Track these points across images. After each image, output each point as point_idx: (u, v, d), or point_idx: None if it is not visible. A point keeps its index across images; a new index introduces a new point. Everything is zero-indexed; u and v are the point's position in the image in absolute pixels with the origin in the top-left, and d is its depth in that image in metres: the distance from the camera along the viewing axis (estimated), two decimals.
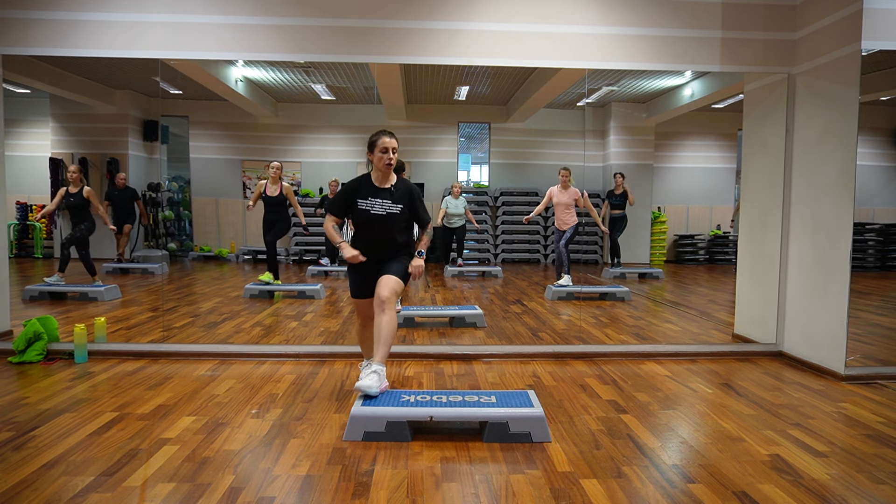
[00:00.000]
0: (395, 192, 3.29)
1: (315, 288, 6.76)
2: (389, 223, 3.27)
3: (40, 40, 4.28)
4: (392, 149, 3.23)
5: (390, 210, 3.27)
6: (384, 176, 3.29)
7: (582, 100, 8.82)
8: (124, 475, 2.41)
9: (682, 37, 4.48)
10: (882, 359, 4.55)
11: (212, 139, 9.60)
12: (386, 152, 3.23)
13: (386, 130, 3.27)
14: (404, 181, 3.34)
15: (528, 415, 2.84)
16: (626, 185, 8.35)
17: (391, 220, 3.27)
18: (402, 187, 3.32)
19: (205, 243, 9.31)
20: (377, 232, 3.29)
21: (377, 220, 3.26)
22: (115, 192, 7.90)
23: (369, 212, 3.26)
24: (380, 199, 3.27)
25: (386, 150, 3.23)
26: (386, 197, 3.28)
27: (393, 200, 3.28)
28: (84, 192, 6.61)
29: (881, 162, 8.75)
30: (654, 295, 7.47)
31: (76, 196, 6.60)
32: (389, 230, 3.28)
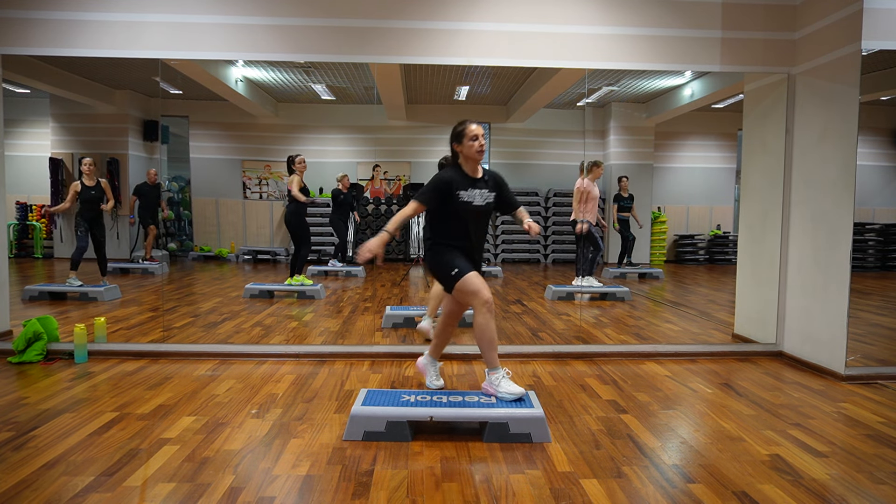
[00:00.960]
0: (488, 182, 3.25)
1: (315, 288, 6.76)
2: (487, 214, 3.26)
3: (40, 40, 4.28)
4: (481, 135, 3.17)
5: (488, 200, 3.23)
6: (476, 165, 3.24)
7: (582, 100, 8.82)
8: (124, 475, 2.41)
9: (682, 37, 4.48)
10: (882, 359, 4.55)
11: (212, 139, 9.60)
12: (476, 139, 3.16)
13: (469, 119, 3.22)
14: (489, 170, 3.31)
15: (528, 415, 2.84)
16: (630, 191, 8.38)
17: (488, 210, 3.25)
18: (492, 175, 3.30)
19: (205, 243, 9.31)
20: (475, 223, 3.23)
21: (478, 211, 3.20)
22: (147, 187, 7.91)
23: (472, 203, 3.17)
24: (478, 190, 3.20)
25: (476, 136, 3.16)
26: (483, 187, 3.22)
27: (489, 190, 3.24)
28: (101, 184, 6.61)
29: (881, 162, 8.75)
30: (654, 295, 7.47)
31: (96, 188, 6.58)
32: (486, 221, 3.29)
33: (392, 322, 5.31)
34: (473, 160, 3.21)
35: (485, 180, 3.24)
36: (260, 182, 9.54)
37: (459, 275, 3.08)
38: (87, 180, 6.56)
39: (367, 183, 9.95)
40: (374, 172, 10.03)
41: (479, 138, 3.16)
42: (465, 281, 3.07)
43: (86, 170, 6.55)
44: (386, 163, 10.16)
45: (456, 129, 3.22)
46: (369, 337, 4.95)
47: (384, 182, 10.10)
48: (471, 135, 3.16)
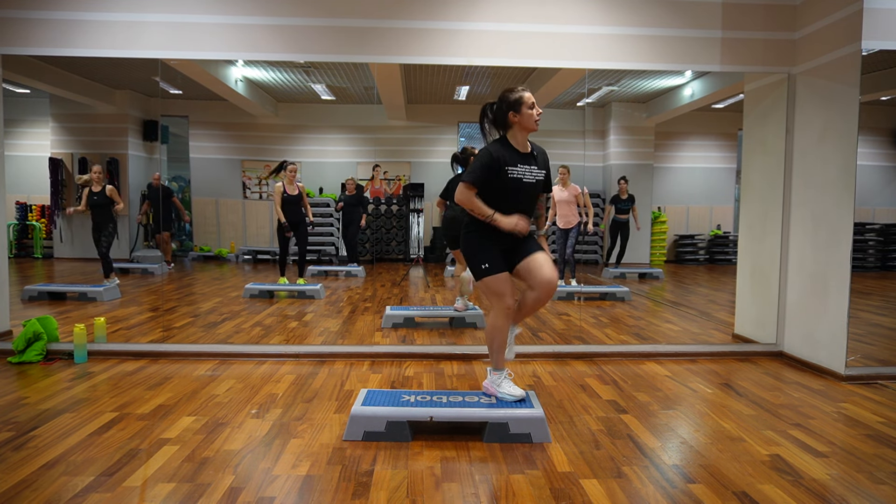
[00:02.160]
0: (538, 157, 3.01)
1: (315, 288, 6.76)
2: (536, 191, 3.03)
3: (40, 40, 4.28)
4: (534, 103, 2.92)
5: (538, 177, 2.99)
6: (525, 139, 2.97)
7: (582, 100, 8.82)
8: (124, 475, 2.41)
9: (682, 37, 4.48)
10: (882, 359, 4.55)
11: (212, 139, 9.60)
12: (533, 108, 2.90)
13: (520, 87, 2.95)
14: (536, 145, 3.07)
15: (528, 415, 2.84)
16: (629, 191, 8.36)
17: (538, 187, 3.01)
18: (540, 151, 3.06)
19: (205, 243, 9.31)
20: (524, 202, 2.98)
21: (528, 187, 2.95)
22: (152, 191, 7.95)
23: (521, 180, 2.92)
24: (528, 166, 2.94)
25: (533, 104, 2.90)
26: (532, 163, 2.97)
27: (538, 167, 3.00)
28: (107, 190, 6.66)
29: (881, 162, 8.74)
30: (654, 295, 7.47)
31: (99, 195, 6.64)
32: (535, 199, 3.07)
33: (392, 322, 5.31)
34: (528, 131, 2.95)
35: (534, 156, 2.99)
36: (260, 182, 9.54)
37: (488, 272, 2.92)
38: (94, 186, 6.65)
39: (367, 183, 9.95)
40: (374, 172, 10.03)
41: (535, 106, 2.92)
42: (492, 280, 2.91)
43: (95, 177, 6.64)
44: (386, 163, 10.16)
45: (510, 98, 2.91)
46: (369, 337, 4.95)
47: (384, 182, 10.10)
48: (529, 102, 2.89)
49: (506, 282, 2.93)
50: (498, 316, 2.95)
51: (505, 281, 2.92)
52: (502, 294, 2.91)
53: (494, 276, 2.91)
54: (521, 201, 2.96)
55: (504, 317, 2.94)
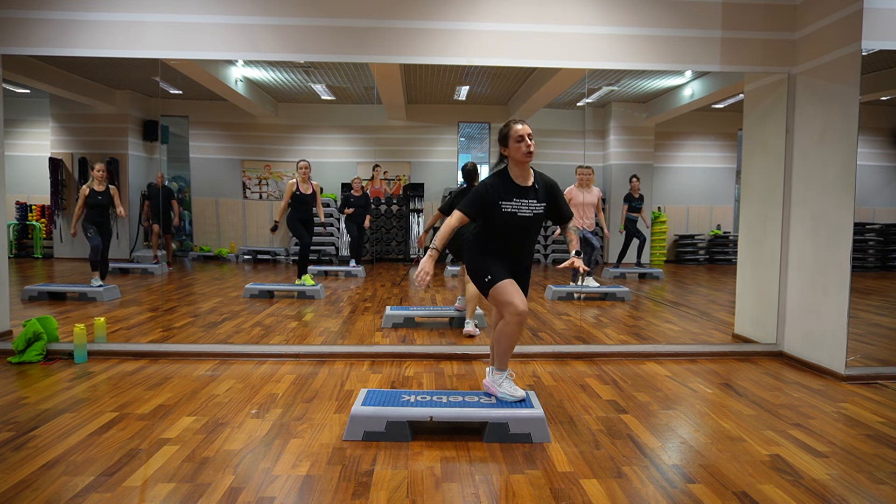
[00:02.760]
0: (538, 190, 2.95)
1: (315, 288, 6.76)
2: (535, 225, 2.98)
3: (40, 40, 4.28)
4: (528, 135, 2.86)
5: (536, 211, 2.94)
6: (525, 170, 2.94)
7: (582, 100, 8.82)
8: (124, 475, 2.41)
9: (682, 37, 4.48)
10: (882, 359, 4.55)
11: (212, 139, 9.60)
12: (522, 140, 2.85)
13: (514, 119, 2.92)
14: (542, 175, 3.01)
15: (528, 415, 2.84)
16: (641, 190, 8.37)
17: (537, 221, 2.97)
18: (542, 182, 2.98)
19: (205, 243, 9.31)
20: (519, 234, 2.98)
21: (523, 221, 2.93)
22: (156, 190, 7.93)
23: (516, 214, 2.91)
24: (526, 200, 2.92)
25: (521, 137, 2.86)
26: (532, 196, 2.93)
27: (538, 200, 2.95)
28: (110, 190, 6.61)
29: (881, 162, 8.75)
30: (654, 295, 7.47)
31: (104, 194, 6.55)
32: (534, 232, 3.02)
33: (392, 322, 5.31)
34: (521, 164, 2.91)
35: (535, 189, 2.95)
36: (260, 182, 9.54)
37: (493, 282, 2.91)
38: (97, 185, 6.55)
39: (367, 183, 9.94)
40: (373, 172, 10.03)
41: (525, 139, 2.85)
42: (498, 289, 2.89)
43: (98, 175, 6.54)
44: (386, 163, 10.16)
45: (501, 131, 2.94)
46: (369, 337, 4.95)
47: (384, 182, 10.10)
48: (516, 136, 2.86)
49: (511, 287, 2.89)
50: (509, 323, 2.88)
51: (510, 287, 2.89)
52: (510, 301, 2.86)
53: (498, 285, 2.90)
54: (515, 234, 2.97)
55: (516, 323, 2.87)
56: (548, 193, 2.98)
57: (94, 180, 6.55)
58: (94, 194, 6.53)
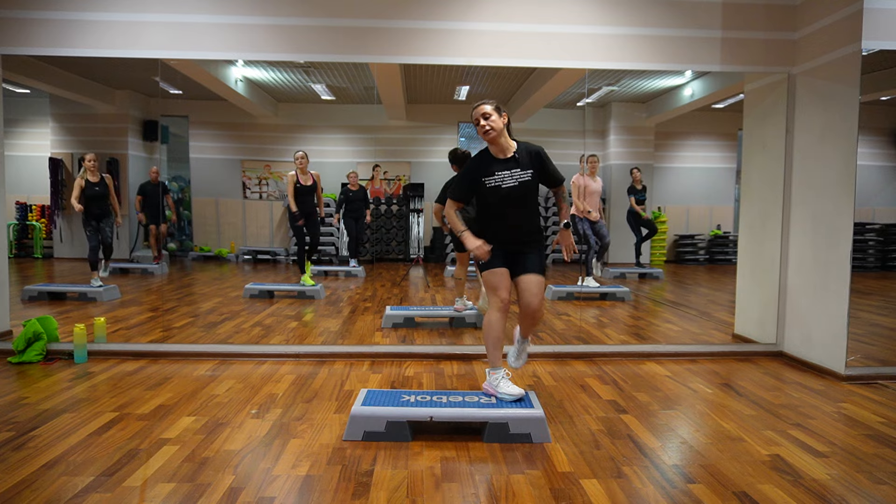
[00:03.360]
0: (519, 159, 3.00)
1: (315, 288, 6.76)
2: (526, 194, 3.00)
3: (40, 40, 4.28)
4: (482, 115, 2.96)
5: (522, 179, 2.97)
6: (499, 145, 3.02)
7: (582, 100, 8.82)
8: (124, 475, 2.41)
9: (682, 37, 4.48)
10: (882, 359, 4.55)
11: (212, 139, 9.59)
12: (478, 122, 2.97)
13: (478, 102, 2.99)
14: (525, 144, 3.06)
15: (529, 415, 2.84)
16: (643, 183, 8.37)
17: (525, 189, 2.98)
18: (524, 151, 3.02)
19: (205, 243, 9.31)
20: (512, 206, 3.01)
21: (511, 191, 2.98)
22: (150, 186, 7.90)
23: (500, 186, 2.98)
24: (508, 171, 2.98)
25: (477, 120, 2.98)
26: (513, 166, 2.99)
27: (521, 168, 2.99)
28: (105, 179, 6.54)
29: (881, 162, 8.75)
30: (654, 295, 7.47)
31: (100, 185, 6.50)
32: (528, 202, 3.02)
33: (392, 322, 5.31)
34: (486, 142, 3.03)
35: (515, 158, 3.00)
36: (260, 182, 9.53)
37: (484, 267, 3.06)
38: (90, 176, 6.49)
39: (367, 183, 9.94)
40: (373, 172, 10.02)
41: (479, 121, 2.98)
42: (488, 275, 3.05)
43: (89, 165, 6.46)
44: (386, 163, 10.15)
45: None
46: (369, 337, 4.95)
47: (384, 182, 10.10)
48: (474, 119, 3.00)
49: (500, 276, 3.03)
50: (491, 310, 3.05)
51: (499, 276, 3.03)
52: (496, 287, 3.02)
53: (489, 271, 3.05)
54: (507, 206, 3.02)
55: (496, 311, 3.02)
56: (532, 160, 3.03)
57: (87, 171, 6.47)
58: (90, 185, 6.48)
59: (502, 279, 3.02)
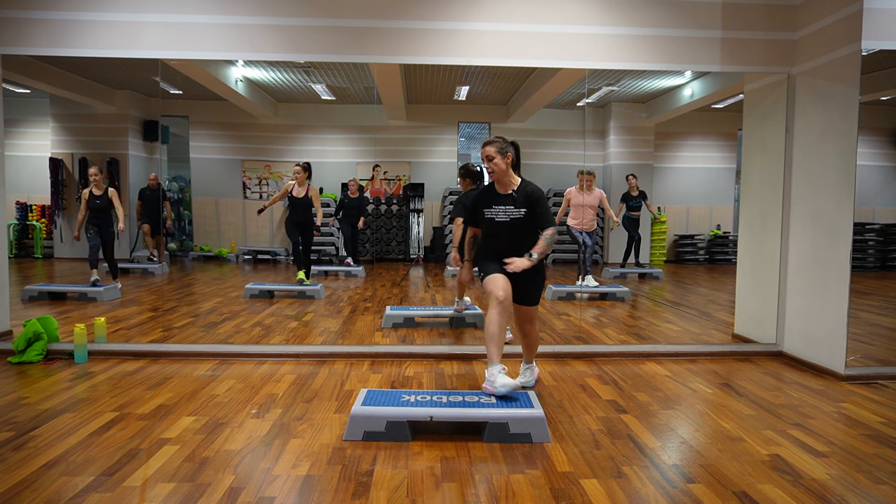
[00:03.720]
0: (516, 198, 3.29)
1: (315, 288, 6.76)
2: (514, 229, 3.29)
3: (40, 40, 4.28)
4: (486, 157, 3.27)
5: (514, 216, 3.28)
6: (501, 181, 3.33)
7: (582, 100, 8.82)
8: (124, 475, 2.41)
9: (682, 37, 4.48)
10: (882, 359, 4.55)
11: (212, 139, 9.59)
12: (483, 161, 3.30)
13: (487, 140, 3.30)
14: (526, 184, 3.33)
15: (529, 415, 2.84)
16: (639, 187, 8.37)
17: (515, 226, 3.28)
18: (523, 191, 3.30)
19: (205, 243, 9.31)
20: (503, 240, 3.32)
21: (503, 227, 3.30)
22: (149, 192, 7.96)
23: (494, 220, 3.32)
24: (503, 207, 3.30)
25: (483, 159, 3.30)
26: (508, 203, 3.29)
27: (515, 206, 3.28)
28: (109, 192, 6.69)
29: (881, 162, 8.75)
30: (654, 295, 7.47)
31: (101, 198, 6.67)
32: (515, 237, 3.31)
33: (392, 322, 5.31)
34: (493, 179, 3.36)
35: (512, 196, 3.30)
36: (260, 182, 9.53)
37: (483, 276, 3.33)
38: (95, 189, 6.68)
39: (367, 183, 9.94)
40: (373, 172, 10.02)
41: (485, 161, 3.30)
42: (485, 281, 3.29)
43: (93, 180, 6.66)
44: (386, 163, 10.15)
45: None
46: (369, 337, 4.95)
47: (384, 182, 10.10)
48: (482, 157, 3.31)
49: (495, 279, 3.23)
50: (490, 307, 3.22)
51: (494, 279, 3.24)
52: (491, 290, 3.24)
53: (487, 278, 3.30)
54: (498, 236, 3.35)
55: (494, 308, 3.17)
56: (527, 200, 3.29)
57: (92, 185, 6.67)
58: (93, 198, 6.68)
59: (496, 282, 3.22)
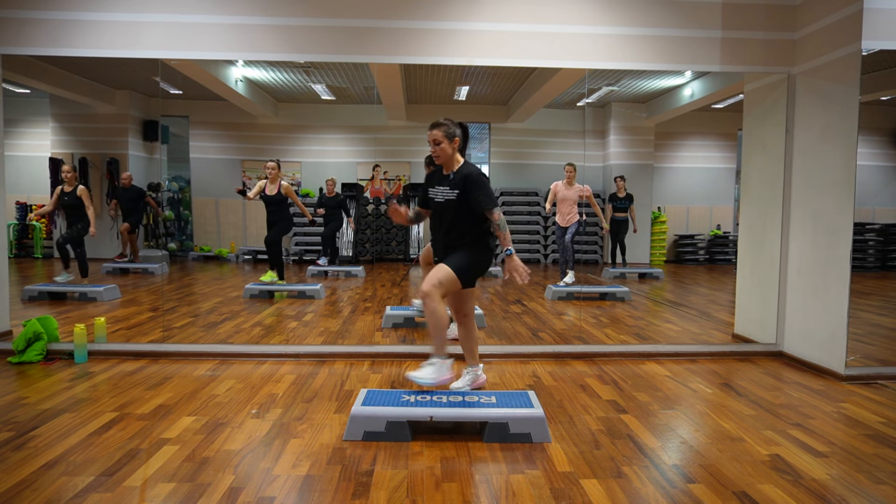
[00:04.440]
0: (454, 179, 3.24)
1: (315, 288, 6.76)
2: (448, 210, 3.24)
3: (40, 40, 4.28)
4: (433, 140, 3.24)
5: (448, 197, 3.24)
6: (446, 164, 3.30)
7: (582, 100, 8.82)
8: (124, 475, 2.41)
9: (682, 37, 4.48)
10: (882, 359, 4.55)
11: (212, 139, 9.59)
12: (431, 146, 3.26)
13: (434, 123, 3.26)
14: (466, 166, 3.27)
15: (529, 415, 2.84)
16: (627, 189, 8.37)
17: (449, 207, 3.24)
18: (461, 173, 3.24)
19: (205, 243, 9.31)
20: (440, 217, 3.30)
21: (440, 206, 3.28)
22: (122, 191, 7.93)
23: (434, 200, 3.31)
24: (442, 187, 3.28)
25: (430, 143, 3.27)
26: (445, 184, 3.27)
27: (451, 187, 3.24)
28: (77, 191, 6.59)
29: (881, 162, 8.75)
30: (654, 295, 7.47)
31: (70, 195, 6.59)
32: (452, 219, 3.25)
33: (392, 322, 5.31)
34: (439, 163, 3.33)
35: (450, 178, 3.26)
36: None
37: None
38: (66, 186, 6.60)
39: (367, 183, 9.95)
40: (374, 172, 10.02)
41: (431, 144, 3.26)
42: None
43: (64, 177, 6.58)
44: (386, 163, 10.15)
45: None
46: (369, 337, 4.95)
47: (384, 182, 10.10)
48: (429, 140, 3.28)
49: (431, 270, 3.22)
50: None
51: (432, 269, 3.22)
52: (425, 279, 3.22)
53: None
54: (439, 216, 3.32)
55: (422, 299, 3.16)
56: (463, 182, 3.21)
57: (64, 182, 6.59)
58: (63, 195, 6.61)
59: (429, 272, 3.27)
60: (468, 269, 3.21)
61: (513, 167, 10.17)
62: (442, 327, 3.14)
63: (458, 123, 3.32)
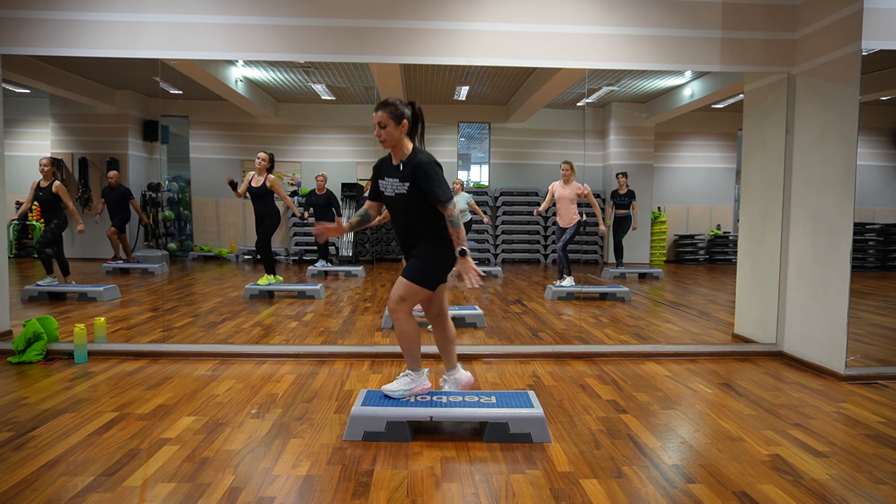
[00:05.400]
0: (403, 170, 2.84)
1: (315, 288, 6.76)
2: (400, 205, 2.88)
3: (40, 40, 4.28)
4: (378, 123, 2.82)
5: (398, 191, 2.86)
6: (396, 153, 2.89)
7: (582, 100, 8.82)
8: (124, 475, 2.41)
9: (682, 37, 4.48)
10: (882, 359, 4.55)
11: (212, 139, 9.59)
12: (375, 129, 2.84)
13: (380, 103, 2.85)
14: (417, 154, 2.86)
15: (529, 415, 2.84)
16: (629, 186, 8.35)
17: (400, 201, 2.87)
18: (410, 162, 2.83)
19: (205, 243, 9.31)
20: (394, 212, 2.95)
21: (390, 200, 2.92)
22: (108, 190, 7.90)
23: (384, 192, 2.93)
24: (391, 179, 2.89)
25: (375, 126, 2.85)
26: (395, 175, 2.87)
27: (400, 179, 2.85)
28: (53, 187, 6.43)
29: (881, 162, 8.75)
30: (654, 295, 7.47)
31: (45, 190, 6.42)
32: (404, 213, 2.90)
33: (392, 322, 5.30)
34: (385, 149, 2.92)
35: (399, 168, 2.86)
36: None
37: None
38: (42, 181, 6.43)
39: (367, 183, 9.93)
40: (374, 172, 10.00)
41: (376, 128, 2.84)
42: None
43: (41, 170, 6.41)
44: None
45: None
46: (369, 337, 4.95)
47: None
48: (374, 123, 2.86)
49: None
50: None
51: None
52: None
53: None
54: (393, 212, 2.97)
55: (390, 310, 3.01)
56: (412, 173, 2.82)
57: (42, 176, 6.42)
58: (38, 189, 6.46)
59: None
60: (431, 274, 2.90)
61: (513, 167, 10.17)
62: (411, 342, 2.94)
63: (410, 103, 2.90)
